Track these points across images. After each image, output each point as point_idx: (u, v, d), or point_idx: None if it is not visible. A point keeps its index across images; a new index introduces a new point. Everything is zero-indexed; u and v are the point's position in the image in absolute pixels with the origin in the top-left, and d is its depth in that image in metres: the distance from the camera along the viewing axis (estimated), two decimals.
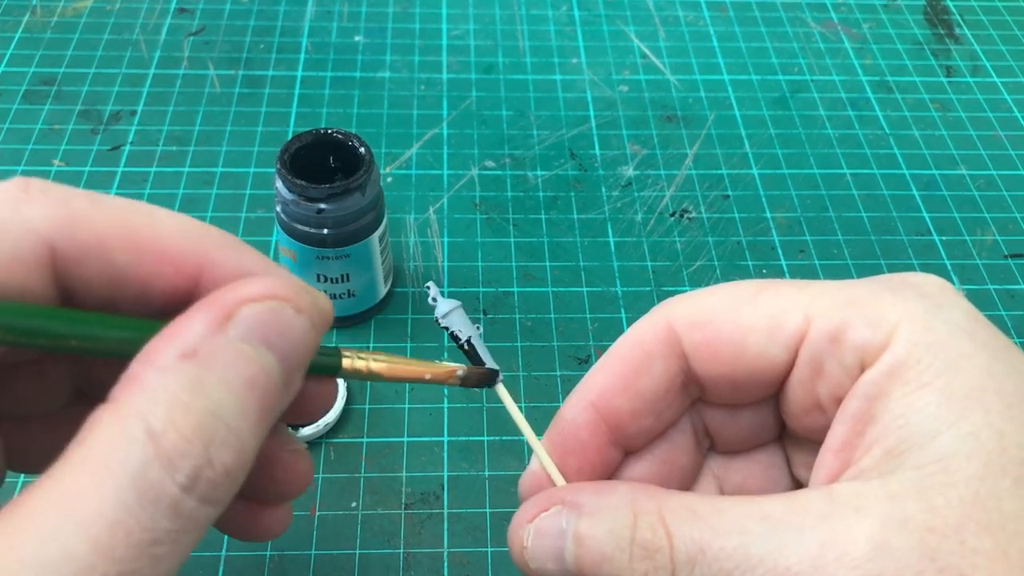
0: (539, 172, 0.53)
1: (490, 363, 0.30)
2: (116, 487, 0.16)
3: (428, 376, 0.25)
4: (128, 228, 0.20)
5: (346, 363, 0.23)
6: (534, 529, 0.24)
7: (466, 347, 0.31)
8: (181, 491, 0.17)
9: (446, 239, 0.49)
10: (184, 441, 0.17)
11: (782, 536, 0.21)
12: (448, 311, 0.33)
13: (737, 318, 0.25)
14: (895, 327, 0.22)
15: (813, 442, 0.26)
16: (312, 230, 0.40)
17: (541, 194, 0.52)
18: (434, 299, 0.33)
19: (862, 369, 0.23)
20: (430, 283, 0.34)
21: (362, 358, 0.23)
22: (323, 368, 0.22)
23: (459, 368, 0.26)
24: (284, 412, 0.20)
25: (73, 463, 0.17)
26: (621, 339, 0.27)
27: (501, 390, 0.30)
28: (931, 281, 0.24)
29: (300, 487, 0.25)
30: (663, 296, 0.46)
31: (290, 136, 0.51)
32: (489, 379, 0.29)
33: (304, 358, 0.20)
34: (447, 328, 0.32)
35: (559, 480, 0.27)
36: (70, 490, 0.17)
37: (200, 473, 0.17)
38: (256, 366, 0.19)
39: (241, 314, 0.19)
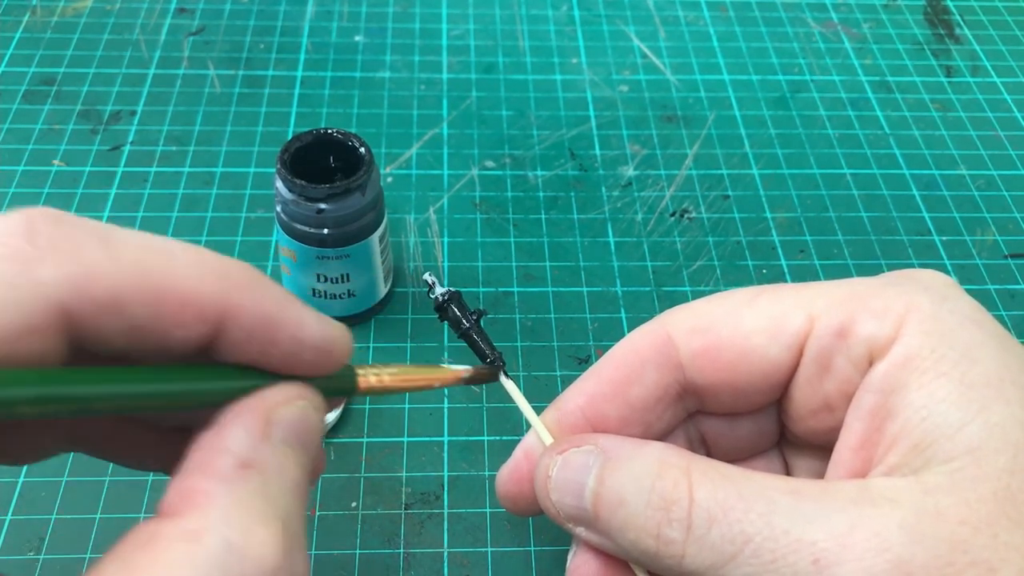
0: (539, 172, 0.53)
1: (489, 350, 0.30)
2: None
3: (437, 384, 0.26)
4: (145, 279, 0.18)
5: (361, 383, 0.23)
6: (562, 460, 0.24)
7: (463, 331, 0.31)
8: None
9: (446, 239, 0.49)
10: (269, 552, 0.17)
11: (810, 512, 0.20)
12: (444, 300, 0.33)
13: (737, 322, 0.25)
14: (903, 318, 0.22)
15: (815, 447, 0.26)
16: (312, 230, 0.40)
17: (541, 194, 0.52)
18: (431, 290, 0.33)
19: (871, 362, 0.23)
20: (427, 273, 0.34)
21: (375, 374, 0.23)
22: (339, 391, 0.23)
23: (464, 371, 0.27)
24: None
25: None
26: (617, 345, 0.27)
27: (504, 379, 0.30)
28: (933, 275, 0.24)
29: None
30: (663, 296, 0.46)
31: (290, 136, 0.52)
32: (493, 375, 0.29)
33: (320, 445, 0.21)
34: (442, 311, 0.32)
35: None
36: None
37: None
38: (300, 468, 0.20)
39: (278, 417, 0.20)
